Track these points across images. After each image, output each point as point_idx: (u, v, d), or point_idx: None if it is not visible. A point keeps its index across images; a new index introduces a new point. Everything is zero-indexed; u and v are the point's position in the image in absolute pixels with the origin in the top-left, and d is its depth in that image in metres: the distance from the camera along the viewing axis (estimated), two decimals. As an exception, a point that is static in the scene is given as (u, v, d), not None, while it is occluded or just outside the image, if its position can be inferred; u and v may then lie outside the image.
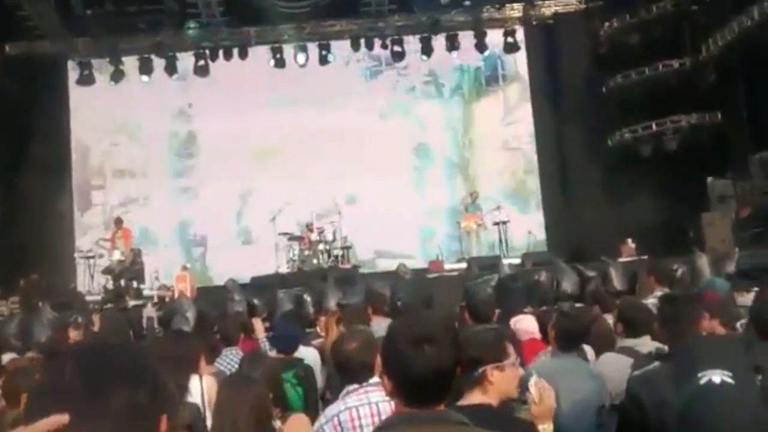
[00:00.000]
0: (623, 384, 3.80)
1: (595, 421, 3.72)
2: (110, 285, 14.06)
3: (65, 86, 18.12)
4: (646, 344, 4.17)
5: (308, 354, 5.80)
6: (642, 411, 3.18)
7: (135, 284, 14.25)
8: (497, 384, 2.78)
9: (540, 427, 2.94)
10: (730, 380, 2.45)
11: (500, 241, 15.23)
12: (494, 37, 18.19)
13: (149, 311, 11.09)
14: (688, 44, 15.95)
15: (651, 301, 5.16)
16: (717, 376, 2.48)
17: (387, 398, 3.09)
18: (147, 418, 1.17)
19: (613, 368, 4.03)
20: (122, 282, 14.23)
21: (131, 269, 14.43)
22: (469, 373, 2.70)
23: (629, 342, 4.30)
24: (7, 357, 4.64)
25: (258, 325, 6.72)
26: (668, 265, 9.09)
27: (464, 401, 2.71)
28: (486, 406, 2.73)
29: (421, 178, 18.29)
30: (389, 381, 2.05)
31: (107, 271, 14.46)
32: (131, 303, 12.72)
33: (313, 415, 3.84)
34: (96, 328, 8.47)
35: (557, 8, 18.12)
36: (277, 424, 3.45)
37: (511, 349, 2.91)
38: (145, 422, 1.17)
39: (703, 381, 2.54)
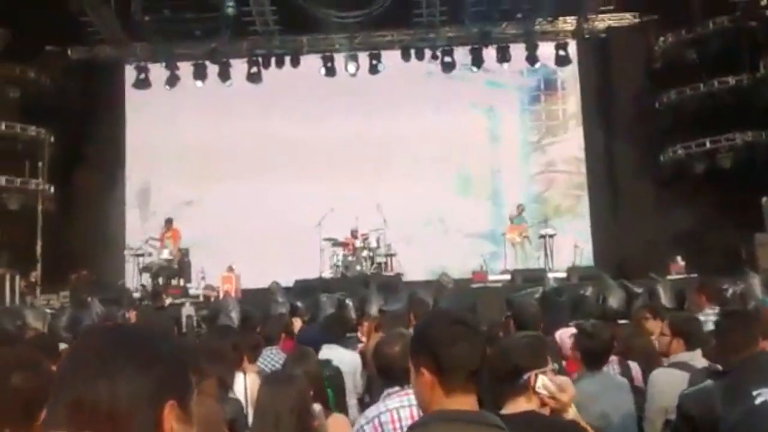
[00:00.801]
0: (676, 398, 3.75)
1: None
2: (149, 283, 14.34)
3: (122, 89, 18.62)
4: (698, 358, 4.09)
5: (348, 357, 5.84)
6: (693, 428, 3.13)
7: (181, 282, 14.50)
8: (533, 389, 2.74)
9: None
10: None
11: (545, 254, 15.08)
12: (546, 50, 18.07)
13: (188, 310, 11.22)
14: (745, 61, 15.61)
15: (701, 319, 5.07)
16: None
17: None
18: (149, 403, 1.17)
19: (668, 383, 3.96)
20: (160, 280, 14.47)
21: (170, 268, 14.68)
22: (512, 381, 2.68)
23: (683, 356, 4.21)
24: (62, 346, 4.84)
25: (298, 324, 6.78)
26: (719, 284, 8.90)
27: (508, 410, 2.67)
28: (532, 412, 2.69)
29: (467, 190, 18.23)
30: (427, 369, 2.07)
31: (146, 269, 14.73)
32: (168, 301, 12.92)
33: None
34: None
35: (611, 22, 17.92)
36: (320, 420, 3.47)
37: (548, 357, 2.88)
38: (148, 406, 1.16)
39: (758, 401, 2.47)
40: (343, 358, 5.62)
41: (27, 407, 1.99)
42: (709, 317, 5.39)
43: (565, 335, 5.32)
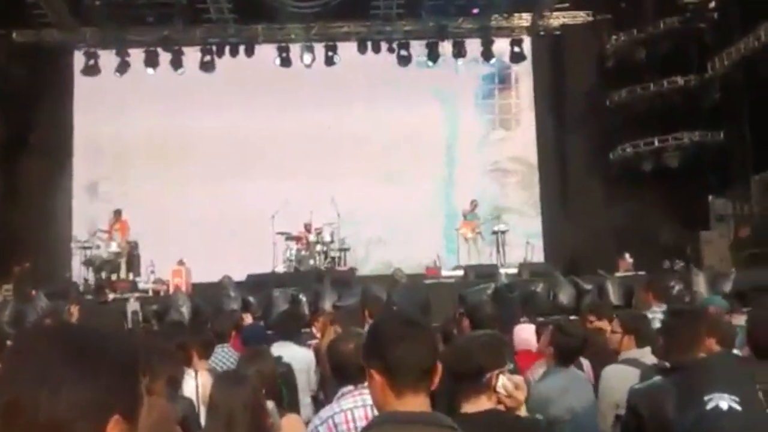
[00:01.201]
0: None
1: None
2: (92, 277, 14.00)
3: (71, 76, 18.12)
4: (647, 355, 4.18)
5: (301, 354, 5.80)
6: (640, 423, 3.18)
7: (129, 276, 14.21)
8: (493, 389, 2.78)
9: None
10: (737, 406, 2.41)
11: (498, 250, 15.22)
12: (501, 46, 18.22)
13: (133, 305, 10.96)
14: (694, 62, 15.98)
15: (649, 317, 5.18)
16: (725, 402, 2.43)
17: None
18: (92, 417, 1.06)
19: (620, 380, 4.04)
20: (103, 274, 14.15)
21: (114, 261, 14.38)
22: (475, 380, 2.70)
23: (634, 353, 4.29)
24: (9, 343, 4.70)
25: (249, 320, 6.71)
26: (665, 282, 9.09)
27: (469, 408, 2.69)
28: (495, 410, 2.72)
29: (419, 185, 18.28)
30: (377, 371, 2.06)
31: (88, 262, 14.39)
32: (111, 296, 12.63)
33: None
34: (74, 320, 8.39)
35: (565, 20, 18.15)
36: (274, 418, 3.44)
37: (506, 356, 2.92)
38: (89, 421, 1.06)
39: (709, 406, 2.50)
40: (296, 355, 5.58)
41: None
42: (656, 314, 5.51)
43: (521, 333, 5.39)
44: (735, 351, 4.40)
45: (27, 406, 1.04)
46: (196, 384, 4.52)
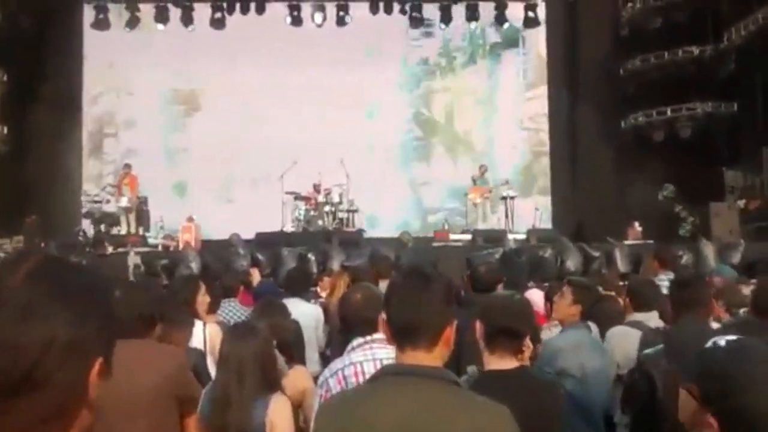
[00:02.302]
0: (630, 355, 3.87)
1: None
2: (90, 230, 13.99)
3: (80, 28, 18.00)
4: (653, 319, 4.21)
5: (309, 311, 5.86)
6: (650, 387, 3.24)
7: (140, 231, 14.27)
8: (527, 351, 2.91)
9: None
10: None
11: (506, 216, 15.22)
12: (515, 11, 18.00)
13: (134, 258, 11.00)
14: (709, 32, 15.75)
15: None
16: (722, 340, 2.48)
17: (392, 355, 3.13)
18: (83, 355, 0.98)
19: (622, 341, 4.08)
20: (102, 227, 14.16)
21: (113, 215, 14.40)
22: (509, 340, 2.75)
23: (638, 316, 4.34)
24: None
25: (256, 275, 6.76)
26: (674, 251, 9.09)
27: (500, 365, 2.73)
28: (525, 368, 2.82)
29: (430, 149, 18.23)
30: (384, 322, 2.07)
31: (87, 215, 14.39)
32: (110, 249, 12.67)
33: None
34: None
35: (581, -15, 17.87)
36: (283, 371, 3.48)
37: None
38: (80, 359, 0.98)
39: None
40: (304, 312, 5.62)
41: None
42: (662, 282, 5.54)
43: (531, 295, 5.47)
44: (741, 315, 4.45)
45: (7, 342, 0.94)
46: (203, 335, 4.58)
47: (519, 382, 2.66)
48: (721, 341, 1.62)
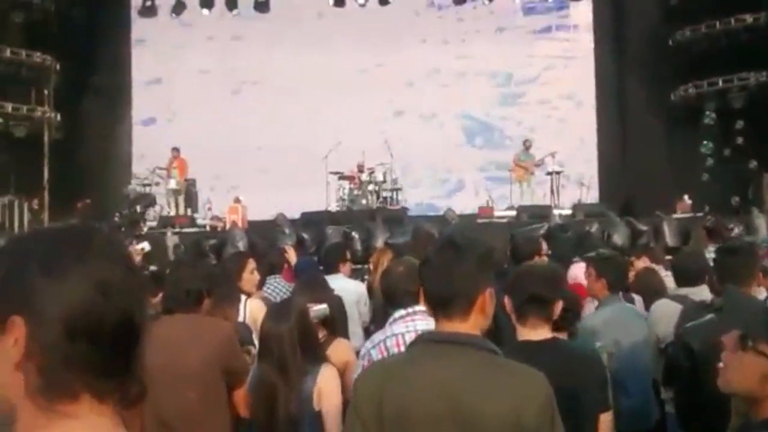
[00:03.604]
0: (671, 328, 3.83)
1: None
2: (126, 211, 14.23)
3: (128, 16, 18.33)
4: (701, 293, 4.13)
5: (351, 287, 5.92)
6: (692, 361, 3.19)
7: (189, 212, 14.54)
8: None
9: None
10: None
11: (552, 191, 15.05)
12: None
13: (172, 239, 11.19)
14: (762, -1, 15.24)
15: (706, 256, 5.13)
16: None
17: (432, 327, 3.16)
18: None
19: (663, 314, 4.04)
20: (138, 208, 14.43)
21: (149, 196, 14.65)
22: (539, 308, 2.73)
23: (684, 290, 4.27)
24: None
25: (291, 252, 6.88)
26: (725, 223, 8.92)
27: (531, 336, 2.73)
28: (558, 339, 2.81)
29: (475, 124, 18.10)
30: (422, 292, 2.10)
31: (123, 197, 14.65)
32: (145, 230, 12.89)
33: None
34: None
35: (628, -45, 17.43)
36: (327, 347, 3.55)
37: None
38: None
39: None
40: (347, 287, 5.68)
41: None
42: (712, 255, 5.45)
43: (574, 269, 5.46)
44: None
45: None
46: (244, 309, 4.68)
47: (552, 352, 2.63)
48: None
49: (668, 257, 6.88)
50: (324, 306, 3.69)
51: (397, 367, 2.07)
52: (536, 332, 2.71)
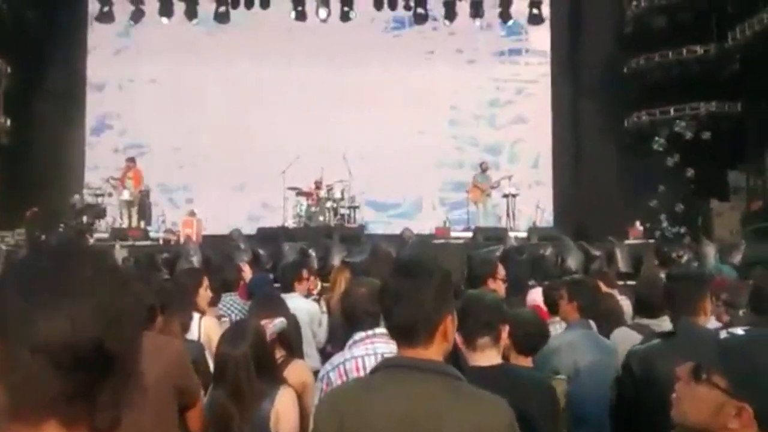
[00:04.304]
0: (629, 357, 3.84)
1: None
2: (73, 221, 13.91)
3: (84, 21, 18.02)
4: (662, 325, 4.12)
5: (306, 306, 5.86)
6: (635, 385, 3.22)
7: (142, 224, 14.27)
8: (504, 343, 2.88)
9: None
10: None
11: (507, 214, 15.21)
12: (519, 7, 17.98)
13: (120, 252, 10.98)
14: (714, 31, 15.72)
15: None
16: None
17: (394, 350, 3.13)
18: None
19: (623, 343, 4.04)
20: (84, 218, 14.12)
21: (97, 207, 14.36)
22: (486, 331, 2.75)
23: (646, 321, 4.27)
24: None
25: (247, 269, 6.79)
26: (674, 251, 9.11)
27: (481, 362, 2.72)
28: (508, 365, 2.82)
29: (432, 144, 18.21)
30: (383, 319, 2.09)
31: (70, 206, 14.34)
32: (91, 242, 12.63)
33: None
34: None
35: (585, -17, 17.84)
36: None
37: None
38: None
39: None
40: (300, 307, 5.61)
41: None
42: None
43: (532, 293, 5.49)
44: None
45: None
46: (199, 327, 4.59)
47: (503, 379, 2.62)
48: (738, 331, 1.55)
49: (620, 282, 6.99)
50: (281, 319, 3.63)
51: (359, 393, 2.05)
52: (485, 357, 2.73)
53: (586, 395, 3.67)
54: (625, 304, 5.49)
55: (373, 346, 3.19)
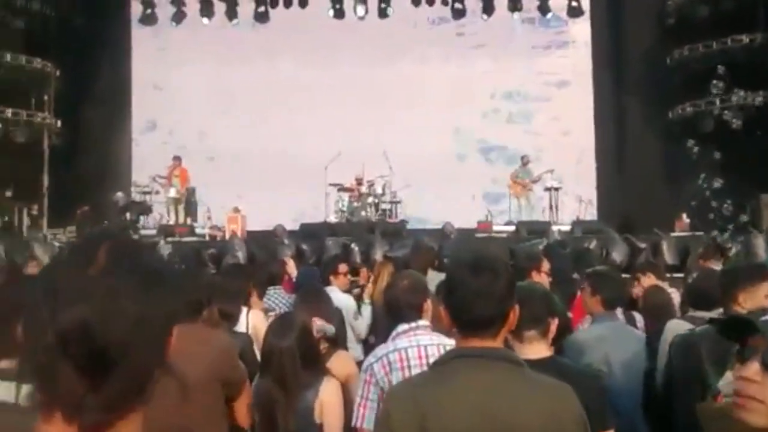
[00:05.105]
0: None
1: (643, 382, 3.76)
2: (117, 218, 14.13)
3: (128, 24, 18.39)
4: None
5: (344, 300, 5.94)
6: (673, 369, 3.21)
7: (188, 221, 14.51)
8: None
9: None
10: None
11: (550, 207, 15.09)
12: (558, 1, 17.78)
13: (165, 248, 11.14)
14: (760, 19, 15.34)
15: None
16: None
17: (435, 341, 3.17)
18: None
19: (672, 334, 3.99)
20: (128, 215, 14.38)
21: (142, 204, 14.60)
22: (534, 324, 2.77)
23: (701, 314, 4.18)
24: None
25: (291, 263, 6.89)
26: (723, 243, 8.94)
27: (531, 355, 2.72)
28: (556, 358, 2.85)
29: (473, 139, 18.15)
30: (445, 312, 2.12)
31: (113, 203, 14.61)
32: (135, 238, 12.84)
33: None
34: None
35: (626, -26, 17.57)
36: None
37: None
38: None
39: None
40: (339, 301, 5.68)
41: None
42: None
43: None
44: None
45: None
46: (246, 321, 4.68)
47: (554, 372, 2.62)
48: None
49: (668, 275, 6.88)
50: (330, 326, 3.69)
51: (432, 386, 2.08)
52: (534, 350, 2.75)
53: (620, 387, 3.64)
54: (675, 296, 5.39)
55: (416, 338, 3.23)
